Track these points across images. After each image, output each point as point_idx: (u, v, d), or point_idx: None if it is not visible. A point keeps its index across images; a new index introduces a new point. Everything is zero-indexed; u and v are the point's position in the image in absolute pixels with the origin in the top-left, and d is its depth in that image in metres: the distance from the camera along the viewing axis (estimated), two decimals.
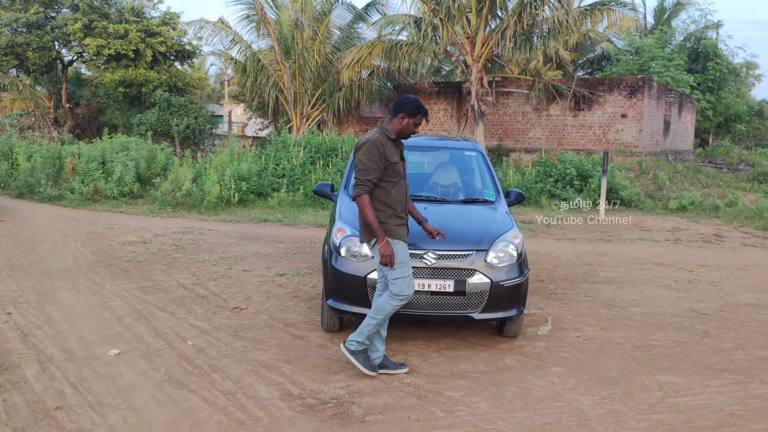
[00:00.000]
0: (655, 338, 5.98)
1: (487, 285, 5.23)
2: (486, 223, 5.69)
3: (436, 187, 6.61)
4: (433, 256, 5.20)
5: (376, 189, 4.73)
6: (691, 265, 9.45)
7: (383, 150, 4.71)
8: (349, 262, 5.32)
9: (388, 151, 4.74)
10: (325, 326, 5.74)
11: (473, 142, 7.08)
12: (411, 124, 4.84)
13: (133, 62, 23.84)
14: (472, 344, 5.63)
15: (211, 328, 5.83)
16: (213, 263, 8.57)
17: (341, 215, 5.79)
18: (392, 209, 4.77)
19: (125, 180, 14.48)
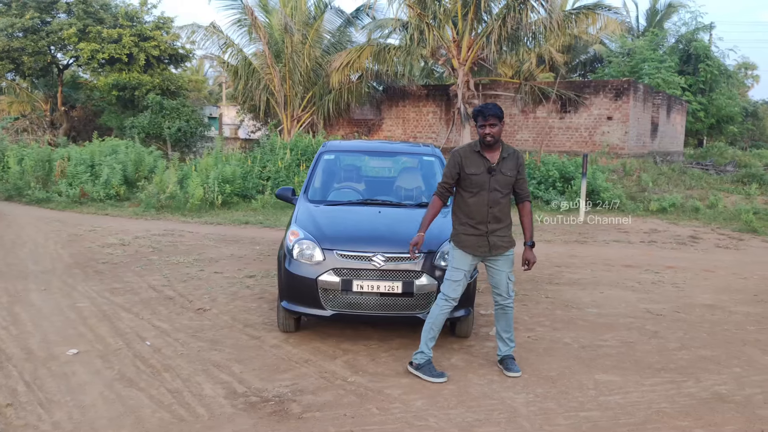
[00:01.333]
0: (604, 338, 6.17)
1: (434, 286, 5.42)
2: (435, 227, 5.87)
3: (392, 192, 6.80)
4: (381, 258, 5.39)
5: (457, 196, 5.14)
6: (659, 267, 9.62)
7: (460, 160, 5.01)
8: (301, 265, 5.51)
9: (467, 162, 4.99)
10: (281, 327, 5.93)
11: (432, 147, 7.28)
12: (480, 131, 4.99)
13: (127, 66, 24.10)
14: None
15: (172, 329, 6.03)
16: (186, 265, 8.76)
17: (297, 219, 5.99)
18: (467, 218, 5.03)
19: (112, 183, 14.69)
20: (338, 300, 5.41)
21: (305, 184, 6.64)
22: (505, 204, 5.07)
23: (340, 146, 7.40)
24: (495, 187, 4.99)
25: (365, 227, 5.87)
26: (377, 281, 5.36)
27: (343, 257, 5.42)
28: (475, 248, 5.05)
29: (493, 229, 5.03)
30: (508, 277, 5.18)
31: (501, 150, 5.04)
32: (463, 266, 5.06)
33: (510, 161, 5.04)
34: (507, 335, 5.31)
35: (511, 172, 5.04)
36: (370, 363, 5.31)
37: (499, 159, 5.01)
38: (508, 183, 5.04)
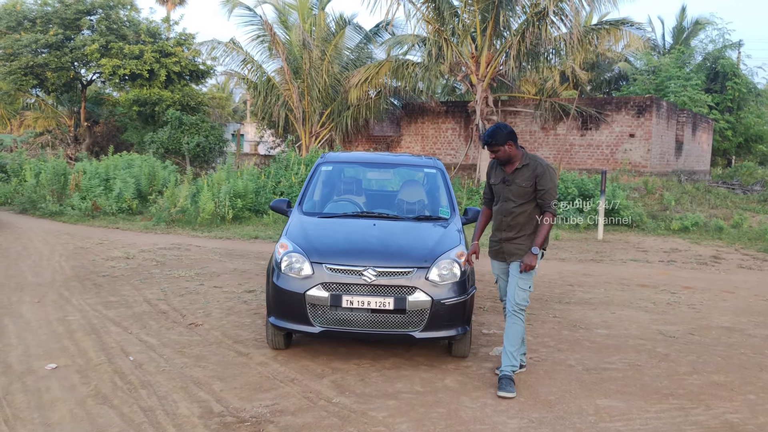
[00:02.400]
0: (610, 361, 5.84)
1: (427, 303, 5.17)
2: (431, 241, 5.64)
3: (392, 205, 6.57)
4: (372, 272, 5.16)
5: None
6: (676, 287, 9.24)
7: (489, 170, 5.34)
8: (289, 279, 5.30)
9: (492, 173, 5.28)
10: (271, 344, 5.71)
11: (435, 159, 7.05)
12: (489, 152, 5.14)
13: (148, 82, 24.24)
14: (417, 364, 5.55)
15: (159, 344, 5.83)
16: (187, 279, 8.60)
17: (288, 231, 5.79)
18: (495, 226, 5.26)
19: (124, 196, 14.66)
20: (327, 316, 5.18)
21: (300, 195, 6.45)
22: (520, 214, 5.07)
23: (338, 158, 7.20)
24: (508, 197, 5.11)
25: (357, 240, 5.65)
26: (368, 297, 5.12)
27: (332, 271, 5.20)
28: (495, 254, 5.31)
29: (507, 237, 5.13)
30: (517, 284, 5.03)
31: (521, 160, 5.09)
32: (495, 271, 5.38)
33: (525, 172, 5.05)
34: (510, 349, 5.08)
35: (525, 183, 5.03)
36: (358, 383, 5.06)
37: (514, 170, 5.09)
38: (524, 193, 5.05)
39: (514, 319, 5.10)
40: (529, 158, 5.08)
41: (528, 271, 5.01)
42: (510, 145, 5.01)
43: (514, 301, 5.06)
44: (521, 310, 5.09)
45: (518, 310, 5.08)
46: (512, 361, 5.07)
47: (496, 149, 5.02)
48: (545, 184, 4.97)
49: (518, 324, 5.10)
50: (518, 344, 5.10)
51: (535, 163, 5.04)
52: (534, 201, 5.04)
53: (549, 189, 4.97)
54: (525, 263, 4.97)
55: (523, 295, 5.06)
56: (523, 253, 5.03)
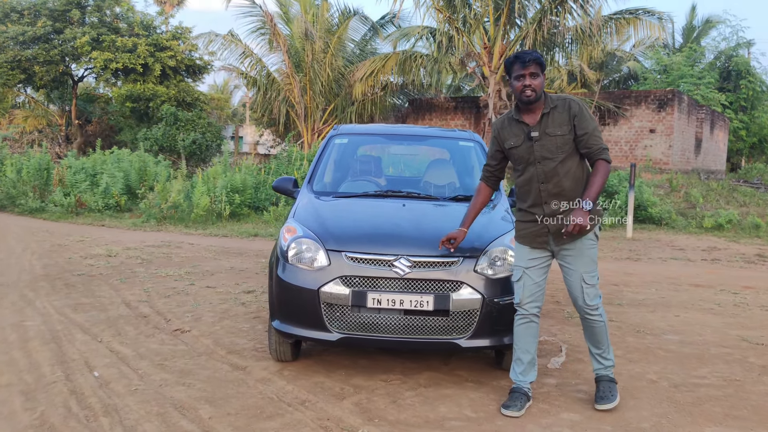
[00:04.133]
0: (699, 375, 4.67)
1: (477, 302, 4.00)
2: (478, 224, 4.46)
3: (419, 182, 5.41)
4: (406, 263, 3.99)
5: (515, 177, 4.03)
6: (735, 287, 8.09)
7: (497, 133, 4.03)
8: (299, 272, 4.13)
9: (505, 134, 3.96)
10: (275, 354, 4.53)
11: (470, 132, 5.88)
12: (515, 84, 3.80)
13: (142, 77, 23.08)
14: (461, 380, 4.37)
15: (134, 355, 4.65)
16: (175, 278, 7.43)
17: (295, 212, 4.63)
18: (521, 202, 3.98)
19: (112, 192, 13.47)
20: (347, 319, 4.01)
21: (309, 173, 5.27)
22: (566, 173, 3.79)
23: (355, 129, 6.00)
24: (543, 155, 3.80)
25: (385, 223, 4.48)
26: (400, 294, 3.95)
27: (354, 261, 4.03)
28: (531, 238, 3.90)
29: (554, 210, 3.80)
30: (583, 279, 3.82)
31: (544, 106, 3.82)
32: (520, 262, 3.94)
33: (557, 115, 3.79)
34: (597, 351, 4.03)
35: (562, 129, 3.77)
36: (389, 406, 3.88)
37: (540, 118, 3.82)
38: (563, 144, 3.78)
39: (589, 322, 3.94)
40: (554, 99, 3.83)
41: (578, 232, 3.65)
42: (543, 77, 3.81)
43: (584, 299, 3.86)
44: (596, 308, 3.88)
45: (592, 311, 3.89)
46: (604, 362, 4.02)
47: (537, 74, 3.73)
48: (587, 126, 3.74)
49: (597, 325, 3.93)
50: (606, 342, 3.98)
51: (566, 102, 3.80)
52: (576, 153, 3.80)
53: (593, 131, 3.76)
54: (575, 222, 3.60)
55: (594, 291, 3.86)
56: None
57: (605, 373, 4.02)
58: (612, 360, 4.04)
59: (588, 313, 3.90)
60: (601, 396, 3.94)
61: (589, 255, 3.81)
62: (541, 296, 3.93)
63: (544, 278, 3.94)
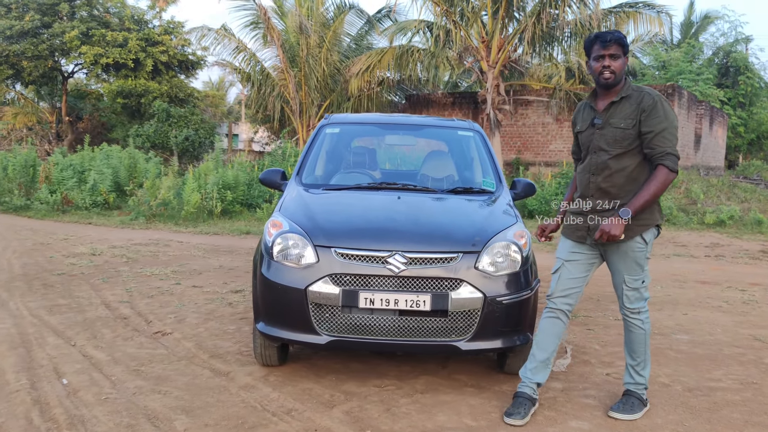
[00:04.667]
0: (714, 377, 4.37)
1: (478, 301, 3.68)
2: (479, 218, 4.17)
3: (416, 174, 5.09)
4: (401, 259, 3.67)
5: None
6: (742, 284, 7.81)
7: (574, 115, 3.80)
8: (285, 269, 3.81)
9: (579, 117, 3.74)
10: (260, 358, 4.21)
11: (470, 122, 5.55)
12: (594, 66, 3.52)
13: (133, 72, 22.72)
14: (460, 385, 4.06)
15: (108, 360, 4.33)
16: (161, 278, 7.10)
17: (282, 206, 4.30)
18: (576, 191, 3.76)
19: (100, 189, 13.12)
20: (338, 321, 3.69)
21: (298, 164, 4.93)
22: (617, 172, 3.48)
23: (347, 118, 5.67)
24: (600, 146, 3.53)
25: (378, 217, 4.15)
26: (395, 293, 3.63)
27: (345, 258, 3.71)
28: (572, 231, 3.70)
29: (597, 207, 3.53)
30: (625, 282, 3.56)
31: (621, 91, 3.51)
32: (561, 253, 3.72)
33: (625, 106, 3.47)
34: (632, 362, 3.70)
35: (626, 122, 3.45)
36: (383, 415, 3.56)
37: (608, 105, 3.52)
38: (624, 138, 3.46)
39: (628, 326, 3.67)
40: (632, 88, 3.50)
41: (606, 240, 3.40)
42: (626, 60, 3.51)
43: (623, 305, 3.64)
44: (638, 313, 3.62)
45: (632, 314, 3.63)
46: (636, 378, 3.68)
47: (618, 55, 3.43)
48: (655, 124, 3.36)
49: (635, 330, 3.64)
50: (642, 355, 3.65)
51: (640, 94, 3.44)
52: (639, 152, 3.45)
53: (661, 131, 3.36)
54: (603, 229, 3.37)
55: (635, 295, 3.58)
56: (624, 232, 3.42)
57: (635, 390, 3.68)
58: (645, 379, 3.69)
59: (627, 317, 3.65)
60: (621, 406, 3.64)
61: (634, 258, 3.52)
62: (576, 294, 3.68)
63: (584, 276, 3.69)
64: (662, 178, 3.36)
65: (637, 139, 3.43)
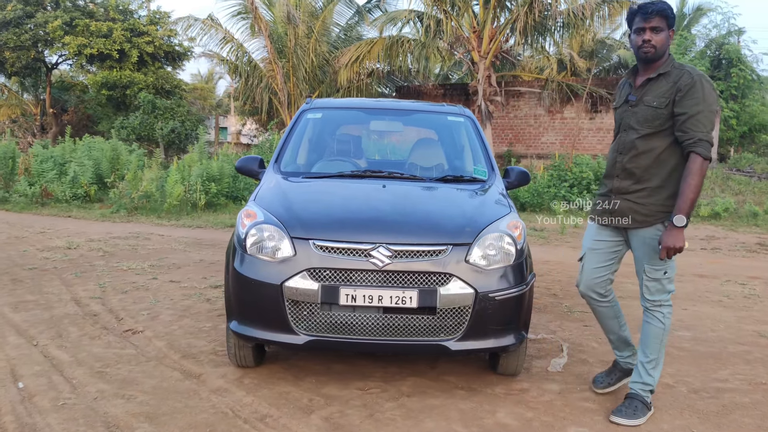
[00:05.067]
0: (720, 377, 4.10)
1: (469, 297, 3.40)
2: (470, 207, 3.88)
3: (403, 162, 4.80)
4: (385, 252, 3.38)
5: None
6: (741, 277, 7.56)
7: (617, 94, 3.61)
8: (259, 264, 3.50)
9: (618, 93, 3.57)
10: (234, 359, 3.91)
11: (461, 107, 5.25)
12: (634, 39, 3.31)
13: (118, 63, 22.28)
14: (450, 387, 3.78)
15: (71, 361, 4.02)
16: (137, 272, 6.78)
17: (257, 195, 4.00)
18: (606, 170, 3.59)
19: (80, 181, 12.73)
20: (317, 319, 3.40)
21: (276, 151, 4.62)
22: (644, 153, 3.29)
23: (330, 103, 5.36)
24: (630, 124, 3.35)
25: (361, 206, 3.85)
26: (379, 289, 3.35)
27: (324, 251, 3.41)
28: (598, 213, 3.56)
29: (622, 188, 3.37)
30: (645, 272, 3.37)
31: (661, 66, 3.29)
32: (586, 240, 3.62)
33: (661, 84, 3.26)
34: (643, 359, 3.46)
35: (659, 101, 3.24)
36: (366, 421, 3.28)
37: (644, 82, 3.32)
38: (655, 118, 3.25)
39: (647, 317, 3.46)
40: (673, 65, 3.27)
41: (672, 255, 3.22)
42: (671, 34, 3.27)
43: (642, 295, 3.46)
44: (657, 306, 3.41)
45: (652, 307, 3.42)
46: (644, 378, 3.43)
47: (661, 28, 3.21)
48: (690, 106, 3.13)
49: (653, 323, 3.42)
50: (656, 353, 3.42)
51: (680, 72, 3.21)
52: (669, 134, 3.23)
53: (696, 114, 3.12)
54: (665, 246, 3.17)
55: (656, 286, 3.37)
56: (641, 217, 3.29)
57: (639, 391, 3.42)
58: (654, 380, 3.44)
59: (647, 309, 3.45)
60: (623, 409, 3.38)
61: (654, 246, 3.29)
62: (603, 283, 3.56)
63: (608, 264, 3.55)
64: (698, 169, 3.12)
65: (669, 119, 3.20)
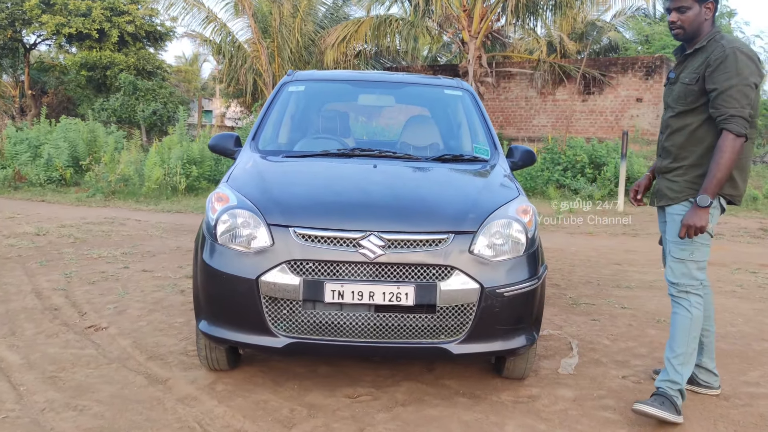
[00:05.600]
0: (751, 380, 3.70)
1: (474, 293, 2.95)
2: (473, 190, 3.41)
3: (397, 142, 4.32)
4: (377, 241, 2.92)
5: None
6: (751, 265, 7.17)
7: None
8: (231, 255, 3.03)
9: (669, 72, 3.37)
10: (206, 362, 3.44)
11: (458, 80, 4.78)
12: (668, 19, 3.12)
13: (98, 43, 21.58)
14: (450, 393, 3.34)
15: (22, 364, 3.54)
16: (108, 260, 6.29)
17: (231, 176, 3.51)
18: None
19: (55, 164, 12.16)
20: (298, 319, 2.94)
21: (254, 127, 4.12)
22: (677, 131, 3.13)
23: (314, 75, 4.84)
24: (668, 103, 3.24)
25: (349, 189, 3.38)
26: (370, 284, 2.89)
27: (307, 240, 2.95)
28: (651, 196, 3.44)
29: (662, 167, 3.22)
30: (670, 252, 3.16)
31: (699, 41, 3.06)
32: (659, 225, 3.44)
33: (697, 59, 3.05)
34: (669, 355, 3.15)
35: (690, 77, 3.05)
36: None
37: (683, 58, 3.16)
38: (687, 95, 3.07)
39: (673, 306, 3.18)
40: (713, 38, 3.00)
41: (693, 236, 2.98)
42: (709, 7, 3.00)
43: (665, 276, 3.22)
44: (683, 293, 3.12)
45: (678, 293, 3.14)
46: (671, 375, 3.09)
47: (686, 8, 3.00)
48: (721, 81, 2.89)
49: (677, 311, 3.14)
50: (684, 346, 3.09)
51: (715, 46, 2.95)
52: (704, 111, 3.01)
53: (728, 89, 2.88)
54: (685, 223, 2.97)
55: (681, 269, 3.10)
56: (676, 194, 3.09)
57: (667, 389, 3.07)
58: (683, 378, 3.09)
59: (672, 296, 3.18)
60: (649, 401, 3.03)
61: (676, 222, 3.11)
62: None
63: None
64: (728, 146, 2.89)
65: (702, 96, 3.00)
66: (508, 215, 3.15)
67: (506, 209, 3.18)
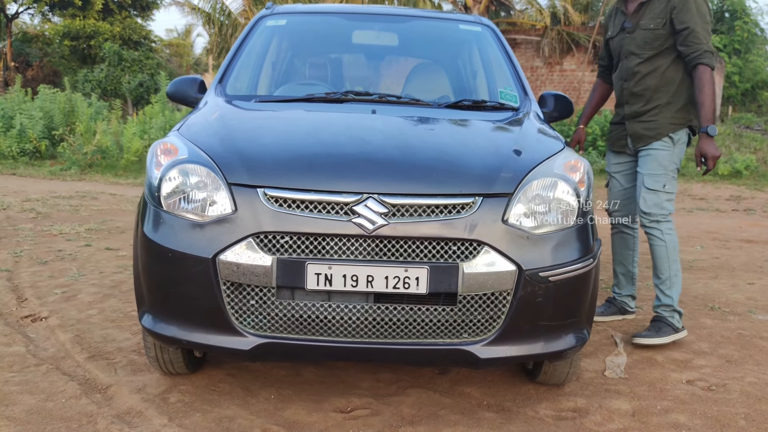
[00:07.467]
0: None
1: (509, 278, 2.16)
2: (504, 141, 2.60)
3: (399, 81, 3.51)
4: (378, 208, 2.12)
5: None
6: None
7: (605, 21, 3.86)
8: (179, 225, 2.24)
9: (609, 23, 3.59)
10: (157, 364, 2.66)
11: (477, 15, 3.96)
12: None
13: (81, 11, 20.61)
14: (471, 405, 2.57)
15: None
16: (69, 237, 5.52)
17: (185, 123, 2.70)
18: (616, 101, 3.57)
19: (29, 135, 11.31)
20: (271, 312, 2.15)
21: (221, 69, 3.28)
22: (648, 74, 3.29)
23: (298, 8, 3.94)
24: (630, 50, 3.35)
25: (339, 137, 2.53)
26: (368, 266, 2.10)
27: (282, 206, 2.14)
28: (614, 141, 3.57)
29: (633, 112, 3.35)
30: (644, 180, 3.29)
31: None
32: (609, 167, 3.64)
33: (656, 4, 3.22)
34: (657, 281, 3.39)
35: (655, 22, 3.22)
36: None
37: (638, 7, 3.31)
38: (652, 40, 3.25)
39: (648, 238, 3.35)
40: None
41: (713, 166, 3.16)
42: None
43: (639, 209, 3.34)
44: (655, 222, 3.28)
45: (650, 223, 3.30)
46: (663, 299, 3.34)
47: None
48: (689, 19, 3.12)
49: (654, 243, 3.32)
50: (667, 271, 3.30)
51: None
52: (671, 52, 3.24)
53: (694, 26, 3.11)
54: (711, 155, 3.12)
55: (653, 199, 3.26)
56: (655, 132, 3.26)
57: (662, 313, 3.32)
58: (673, 300, 3.30)
59: (645, 226, 3.34)
60: (646, 331, 3.30)
61: (656, 157, 3.27)
62: (633, 207, 3.49)
63: (632, 186, 3.49)
64: (706, 79, 3.13)
65: (670, 38, 3.21)
66: (553, 172, 2.34)
67: (550, 165, 2.37)
